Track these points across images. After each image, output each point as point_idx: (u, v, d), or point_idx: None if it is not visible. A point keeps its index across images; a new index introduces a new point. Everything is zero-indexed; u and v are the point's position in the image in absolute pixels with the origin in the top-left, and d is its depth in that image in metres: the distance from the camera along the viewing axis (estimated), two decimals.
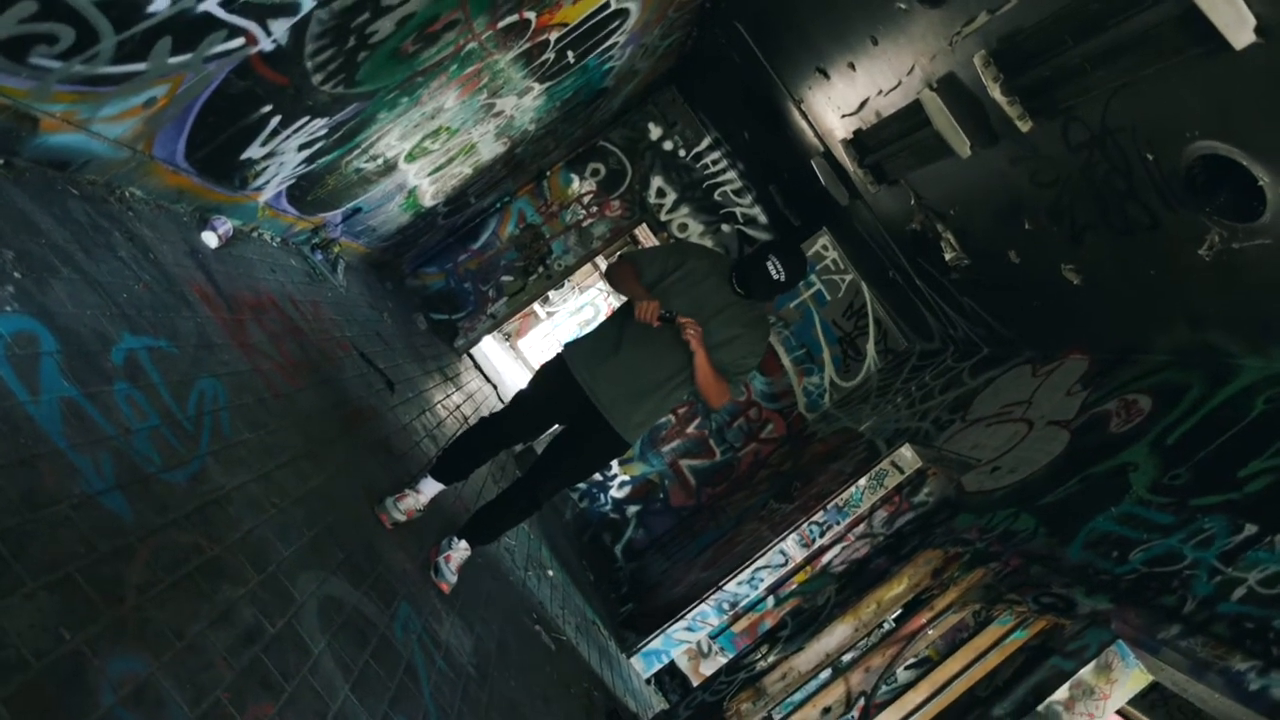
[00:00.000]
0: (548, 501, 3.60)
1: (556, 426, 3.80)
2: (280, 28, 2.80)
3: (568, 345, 3.53)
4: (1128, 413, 4.15)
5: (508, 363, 13.57)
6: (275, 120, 3.44)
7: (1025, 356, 5.73)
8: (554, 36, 4.89)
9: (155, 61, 2.49)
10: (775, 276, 3.39)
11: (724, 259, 3.69)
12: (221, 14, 2.49)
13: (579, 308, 17.56)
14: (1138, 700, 3.71)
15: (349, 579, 2.65)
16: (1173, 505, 3.28)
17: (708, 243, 8.50)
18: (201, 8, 2.41)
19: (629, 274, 3.46)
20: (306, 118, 3.63)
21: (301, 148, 3.91)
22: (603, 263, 16.07)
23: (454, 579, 3.38)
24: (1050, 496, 3.97)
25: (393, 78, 3.86)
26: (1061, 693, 2.85)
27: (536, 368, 3.62)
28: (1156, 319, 4.12)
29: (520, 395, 3.56)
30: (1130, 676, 2.84)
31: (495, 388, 9.37)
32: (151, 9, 2.27)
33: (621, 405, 3.39)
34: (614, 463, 7.86)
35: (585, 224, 8.67)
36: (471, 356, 9.17)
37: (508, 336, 15.96)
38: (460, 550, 3.43)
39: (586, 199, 8.65)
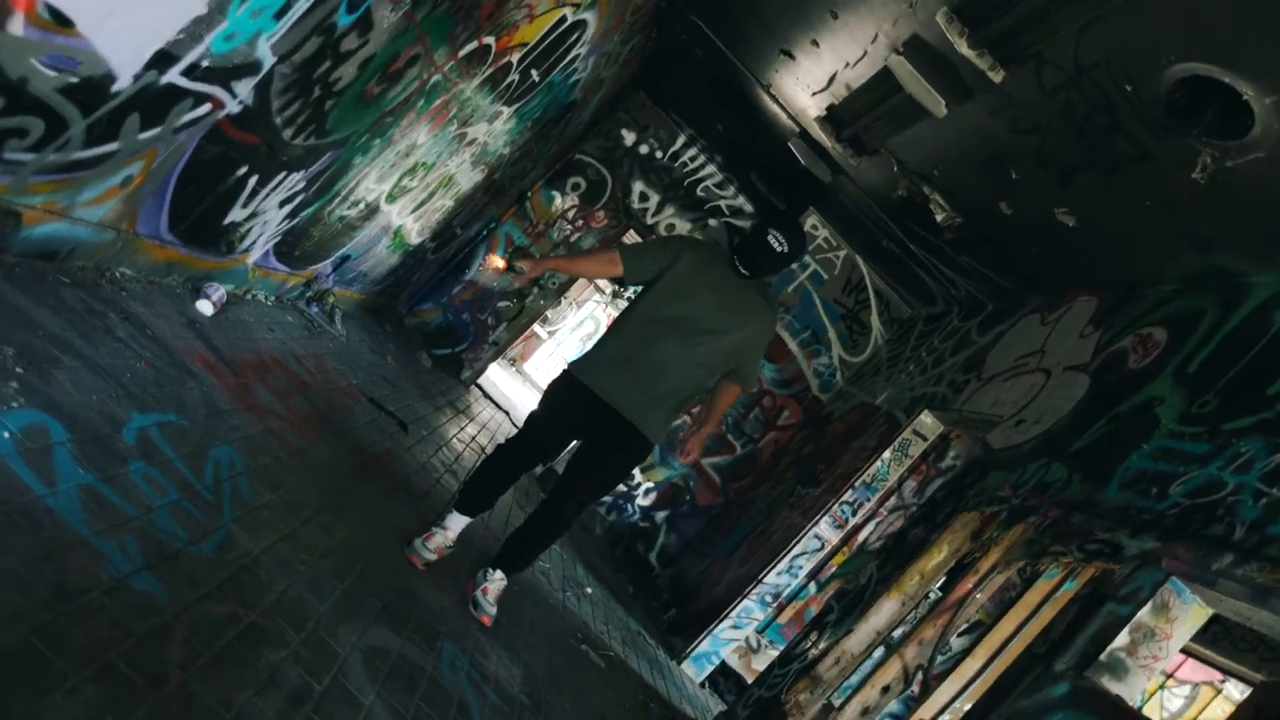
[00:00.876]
0: (576, 519, 3.57)
1: (574, 444, 3.77)
2: (244, 88, 2.79)
3: (574, 362, 3.50)
4: (1144, 347, 4.12)
5: (517, 387, 13.56)
6: (253, 180, 3.43)
7: (1031, 306, 5.70)
8: (516, 58, 4.89)
9: (127, 140, 2.49)
10: (779, 249, 3.35)
11: (719, 247, 3.66)
12: (185, 83, 2.48)
13: (579, 323, 17.55)
14: (1200, 636, 3.66)
15: (389, 626, 2.63)
16: (1205, 433, 3.24)
17: (696, 236, 8.48)
18: (164, 80, 2.40)
19: (602, 265, 3.44)
20: (283, 173, 3.62)
21: (283, 204, 3.90)
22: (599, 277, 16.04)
23: (494, 610, 3.35)
24: (1079, 442, 3.93)
25: (362, 122, 3.85)
26: (1122, 639, 2.81)
27: (544, 388, 3.59)
28: (1159, 249, 4.08)
29: (533, 417, 3.53)
30: (1189, 613, 2.80)
31: (508, 414, 9.35)
32: (116, 88, 2.27)
33: (644, 409, 3.35)
34: (637, 471, 7.83)
35: (573, 239, 8.66)
36: (480, 387, 9.16)
37: (513, 361, 15.95)
38: (496, 581, 3.40)
39: (571, 214, 8.65)
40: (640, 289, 3.48)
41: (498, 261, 3.42)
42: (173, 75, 2.40)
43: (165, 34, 2.25)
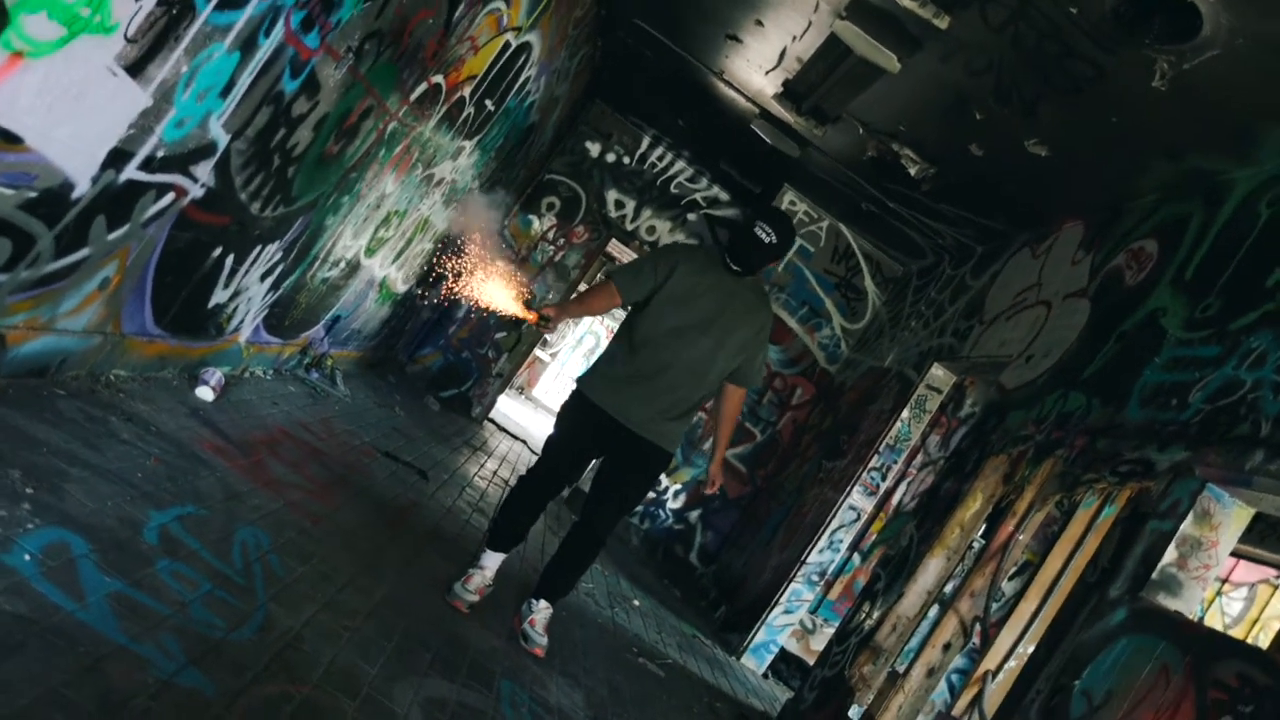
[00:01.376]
0: (610, 535, 3.56)
1: (595, 461, 3.76)
2: (204, 171, 2.80)
3: (581, 379, 3.50)
4: (1138, 261, 4.10)
5: (529, 415, 13.56)
6: (229, 260, 3.44)
7: (1020, 241, 5.68)
8: (468, 91, 4.90)
9: (96, 243, 2.49)
10: (768, 240, 3.34)
11: (710, 249, 3.66)
12: (144, 176, 2.49)
13: (578, 340, 17.55)
14: (1247, 536, 3.63)
15: (443, 675, 2.62)
16: (1214, 336, 3.22)
17: (679, 237, 8.49)
18: (123, 177, 2.41)
19: (604, 299, 3.43)
20: (259, 247, 3.63)
21: (264, 277, 3.91)
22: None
23: (544, 640, 3.34)
24: (1091, 368, 3.91)
25: (328, 182, 3.86)
26: (1170, 554, 2.79)
27: (557, 410, 3.59)
28: (1135, 162, 4.06)
29: (550, 442, 3.52)
30: (1231, 516, 2.78)
31: (525, 443, 9.35)
32: (76, 195, 2.27)
33: (655, 422, 3.36)
34: (662, 477, 7.81)
35: (557, 258, 8.67)
36: (493, 420, 9.16)
37: (521, 390, 15.96)
38: (542, 611, 3.40)
39: (551, 234, 8.65)
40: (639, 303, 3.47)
41: (529, 315, 3.45)
42: (130, 171, 2.41)
43: (116, 133, 2.26)
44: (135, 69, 2.13)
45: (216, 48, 2.38)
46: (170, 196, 2.70)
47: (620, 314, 16.80)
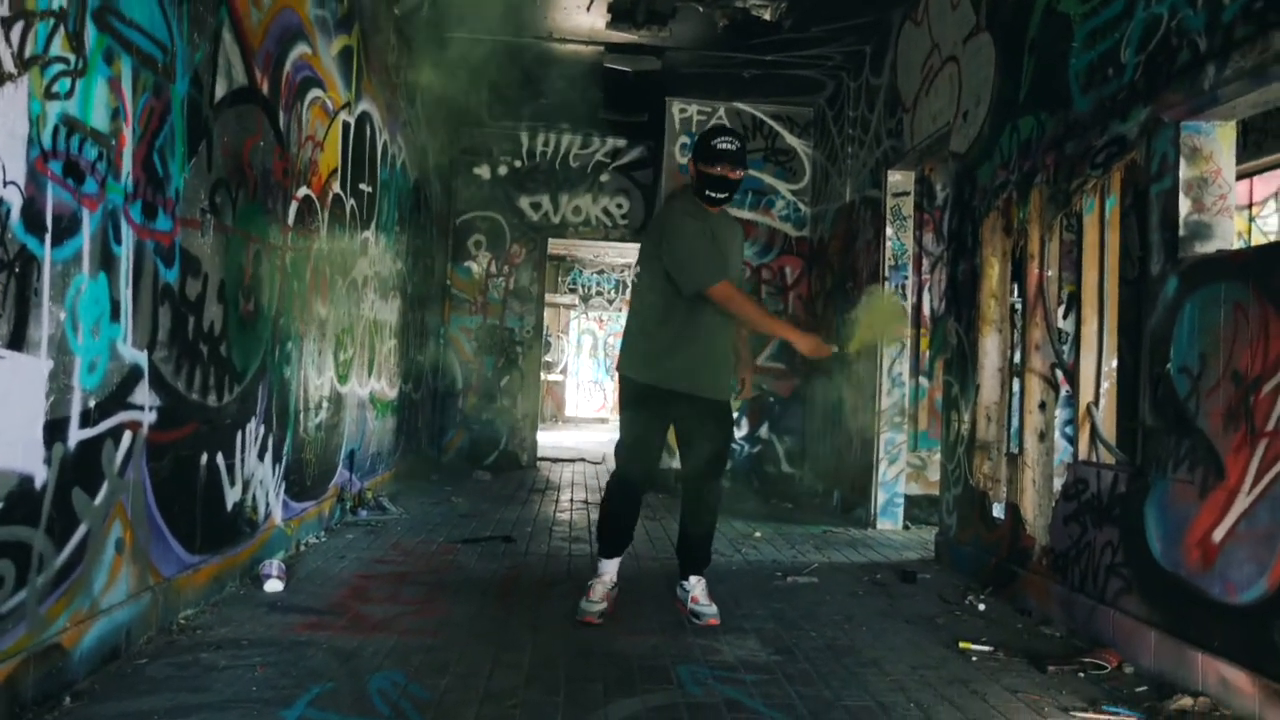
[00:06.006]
0: (720, 496, 3.65)
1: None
2: (143, 396, 2.77)
3: (624, 365, 3.51)
4: None
5: (573, 435, 13.60)
6: (220, 459, 3.42)
7: (898, 20, 5.58)
8: (338, 187, 4.83)
9: (87, 515, 2.47)
10: (735, 147, 3.30)
11: (683, 194, 3.53)
12: (91, 432, 2.46)
13: (576, 345, 17.53)
14: (1243, 153, 3.56)
15: (622, 694, 2.61)
16: None
17: (605, 201, 8.49)
18: (72, 443, 2.37)
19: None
20: (239, 433, 3.60)
21: (261, 456, 3.89)
22: (559, 298, 16.02)
23: (713, 608, 3.43)
24: (1023, 89, 3.84)
25: (262, 340, 3.82)
26: (1185, 206, 2.73)
27: (621, 410, 3.59)
28: None
29: (625, 445, 3.54)
30: (1217, 139, 2.71)
31: (584, 459, 9.37)
32: (40, 483, 2.24)
33: (707, 375, 3.44)
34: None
35: (512, 286, 8.65)
36: (544, 458, 9.17)
37: (554, 417, 15.97)
38: (696, 586, 3.50)
39: (493, 268, 8.61)
40: (650, 273, 3.46)
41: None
42: (75, 434, 2.37)
43: (39, 408, 2.22)
44: (16, 341, 2.08)
45: (79, 280, 2.33)
46: (128, 436, 2.67)
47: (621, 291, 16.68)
